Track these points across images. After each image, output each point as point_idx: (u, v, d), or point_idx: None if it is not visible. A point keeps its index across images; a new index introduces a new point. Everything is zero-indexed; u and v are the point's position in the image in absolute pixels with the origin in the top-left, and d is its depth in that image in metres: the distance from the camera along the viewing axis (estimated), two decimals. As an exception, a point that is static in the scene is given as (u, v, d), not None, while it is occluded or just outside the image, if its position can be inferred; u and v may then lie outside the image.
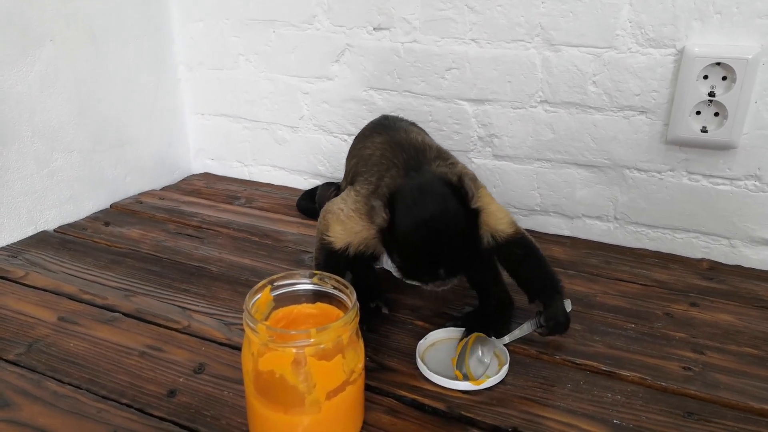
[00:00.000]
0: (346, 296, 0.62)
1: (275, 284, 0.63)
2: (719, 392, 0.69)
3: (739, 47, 0.90)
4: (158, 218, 1.18)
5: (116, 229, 1.13)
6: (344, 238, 0.74)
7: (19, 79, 1.02)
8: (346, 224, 0.74)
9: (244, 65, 1.31)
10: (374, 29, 1.15)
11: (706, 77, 0.93)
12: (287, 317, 0.64)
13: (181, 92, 1.39)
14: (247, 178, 1.43)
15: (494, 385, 0.70)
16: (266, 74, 1.29)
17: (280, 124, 1.33)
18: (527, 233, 0.77)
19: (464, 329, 0.77)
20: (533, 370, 0.73)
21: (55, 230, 1.12)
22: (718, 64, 0.91)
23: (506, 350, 0.74)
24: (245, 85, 1.33)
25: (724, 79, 0.92)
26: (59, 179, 1.12)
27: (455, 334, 0.78)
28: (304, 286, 0.65)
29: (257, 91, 1.32)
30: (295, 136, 1.33)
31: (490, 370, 0.71)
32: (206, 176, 1.45)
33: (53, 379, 0.70)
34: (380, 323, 0.82)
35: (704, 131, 0.95)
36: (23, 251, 1.02)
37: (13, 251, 1.02)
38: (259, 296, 0.62)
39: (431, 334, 0.78)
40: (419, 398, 0.68)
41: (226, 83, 1.35)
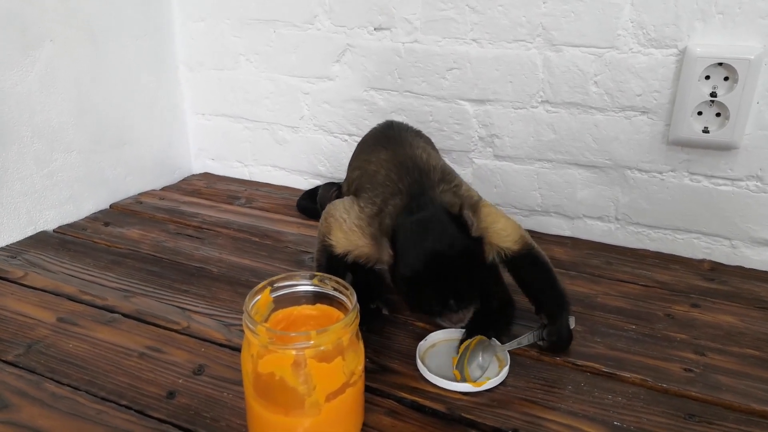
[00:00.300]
0: (346, 298, 0.62)
1: (275, 285, 0.63)
2: (721, 394, 0.69)
3: (741, 47, 0.90)
4: (158, 218, 1.18)
5: (116, 229, 1.12)
6: (345, 245, 0.76)
7: (19, 79, 1.02)
8: (348, 235, 0.76)
9: (244, 65, 1.31)
10: (375, 29, 1.15)
11: (707, 77, 0.92)
12: (287, 319, 0.64)
13: (181, 92, 1.39)
14: (247, 178, 1.43)
15: (495, 386, 0.69)
16: (267, 74, 1.29)
17: (280, 124, 1.33)
18: (537, 247, 0.77)
19: (464, 330, 0.77)
20: (534, 371, 0.73)
21: (54, 230, 1.12)
22: (720, 64, 0.91)
23: (507, 352, 0.74)
24: (246, 85, 1.32)
25: (725, 79, 0.92)
26: (59, 179, 1.12)
27: (456, 335, 0.78)
28: (304, 287, 0.65)
29: (258, 91, 1.32)
30: (295, 136, 1.32)
31: (490, 371, 0.71)
32: (206, 176, 1.44)
33: (52, 380, 0.70)
34: (380, 324, 0.82)
35: (706, 132, 0.95)
36: (23, 251, 1.02)
37: (12, 251, 1.02)
38: (258, 298, 0.61)
39: (431, 335, 0.78)
40: (419, 400, 0.68)
41: (226, 83, 1.35)
